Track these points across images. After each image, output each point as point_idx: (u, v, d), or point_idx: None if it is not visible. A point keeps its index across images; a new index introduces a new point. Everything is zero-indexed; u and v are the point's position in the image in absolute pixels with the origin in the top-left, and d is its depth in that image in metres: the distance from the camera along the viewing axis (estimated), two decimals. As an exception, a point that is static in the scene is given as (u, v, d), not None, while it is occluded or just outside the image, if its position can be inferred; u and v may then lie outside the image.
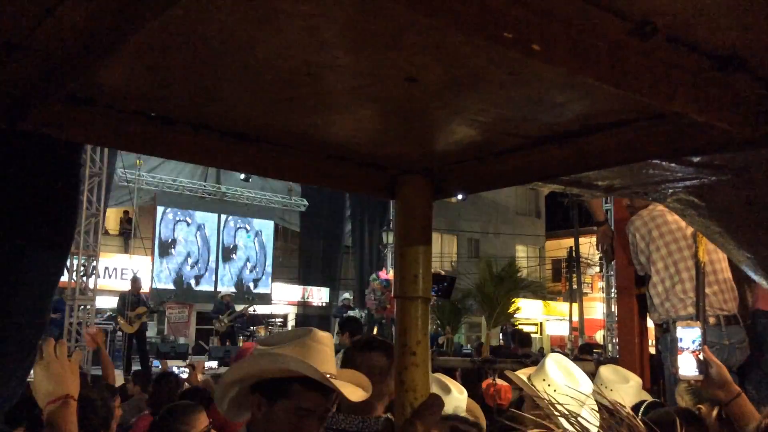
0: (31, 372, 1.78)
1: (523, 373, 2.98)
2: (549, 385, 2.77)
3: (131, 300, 13.35)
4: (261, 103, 1.02)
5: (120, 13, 0.76)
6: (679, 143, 0.98)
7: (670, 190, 1.45)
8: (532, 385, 2.79)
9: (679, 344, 2.47)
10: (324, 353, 1.93)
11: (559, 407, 2.56)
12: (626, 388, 3.45)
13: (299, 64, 0.85)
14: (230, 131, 1.14)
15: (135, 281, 14.13)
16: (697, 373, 2.40)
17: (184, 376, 6.82)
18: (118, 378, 8.57)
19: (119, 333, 16.09)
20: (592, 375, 3.59)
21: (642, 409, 2.93)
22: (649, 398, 3.51)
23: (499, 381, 4.99)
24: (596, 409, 2.85)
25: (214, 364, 12.32)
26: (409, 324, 1.25)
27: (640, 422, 1.35)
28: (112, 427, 3.55)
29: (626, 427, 1.38)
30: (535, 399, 2.82)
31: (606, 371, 3.60)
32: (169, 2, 0.68)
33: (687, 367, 2.43)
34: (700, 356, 2.41)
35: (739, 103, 0.91)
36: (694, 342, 2.45)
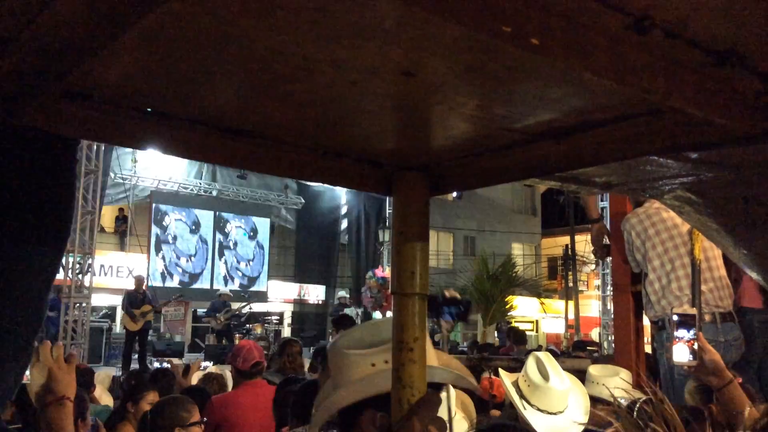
0: (27, 373, 1.79)
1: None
2: (525, 381, 2.87)
3: (137, 298, 13.35)
4: (258, 99, 1.01)
5: (116, 7, 0.76)
6: (678, 139, 0.98)
7: (668, 187, 1.45)
8: (516, 382, 2.90)
9: (675, 332, 2.50)
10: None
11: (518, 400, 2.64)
12: (616, 381, 3.47)
13: (296, 59, 0.84)
14: (227, 127, 1.14)
15: (139, 279, 14.14)
16: (691, 359, 2.43)
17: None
18: (107, 375, 8.59)
19: (116, 331, 16.08)
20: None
21: (637, 405, 2.94)
22: (641, 394, 3.53)
23: (495, 377, 5.02)
24: (586, 404, 2.91)
25: (209, 364, 12.30)
26: (406, 320, 1.25)
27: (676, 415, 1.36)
28: (87, 417, 3.59)
29: (662, 420, 1.39)
30: (507, 393, 2.91)
31: (594, 369, 3.64)
32: (165, -4, 0.68)
33: (681, 353, 2.46)
34: (695, 345, 2.44)
35: (737, 98, 0.91)
36: (689, 331, 2.47)
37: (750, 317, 4.13)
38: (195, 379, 6.61)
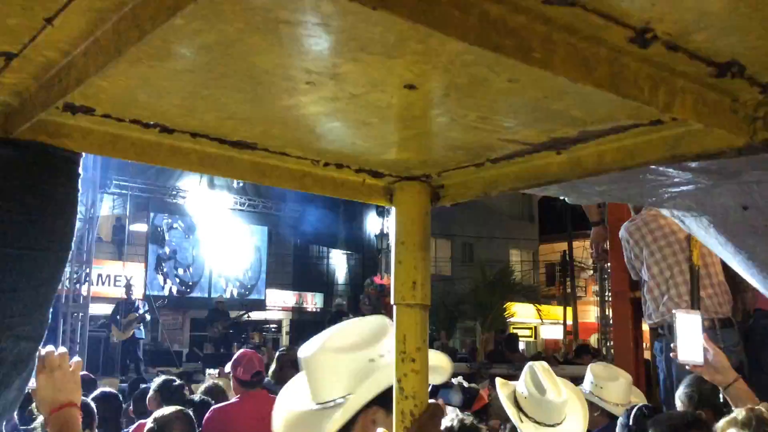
0: (33, 381, 1.78)
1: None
2: (522, 393, 2.89)
3: (124, 307, 13.36)
4: (260, 111, 1.02)
5: (120, 23, 0.76)
6: (678, 149, 0.99)
7: (667, 195, 1.45)
8: (513, 391, 2.93)
9: (679, 331, 2.51)
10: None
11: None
12: (616, 386, 3.48)
13: (299, 72, 0.85)
14: (229, 139, 1.14)
15: (128, 288, 14.13)
16: (696, 358, 2.45)
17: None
18: (112, 385, 8.54)
19: (113, 341, 16.05)
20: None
21: (634, 411, 2.95)
22: (639, 398, 3.54)
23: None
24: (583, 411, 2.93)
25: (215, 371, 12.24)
26: (408, 331, 1.25)
27: None
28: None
29: None
30: (502, 402, 2.94)
31: (597, 368, 3.63)
32: (169, 13, 0.68)
33: (686, 353, 2.47)
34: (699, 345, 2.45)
35: (737, 109, 0.92)
36: (693, 329, 2.48)
37: (766, 321, 4.08)
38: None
